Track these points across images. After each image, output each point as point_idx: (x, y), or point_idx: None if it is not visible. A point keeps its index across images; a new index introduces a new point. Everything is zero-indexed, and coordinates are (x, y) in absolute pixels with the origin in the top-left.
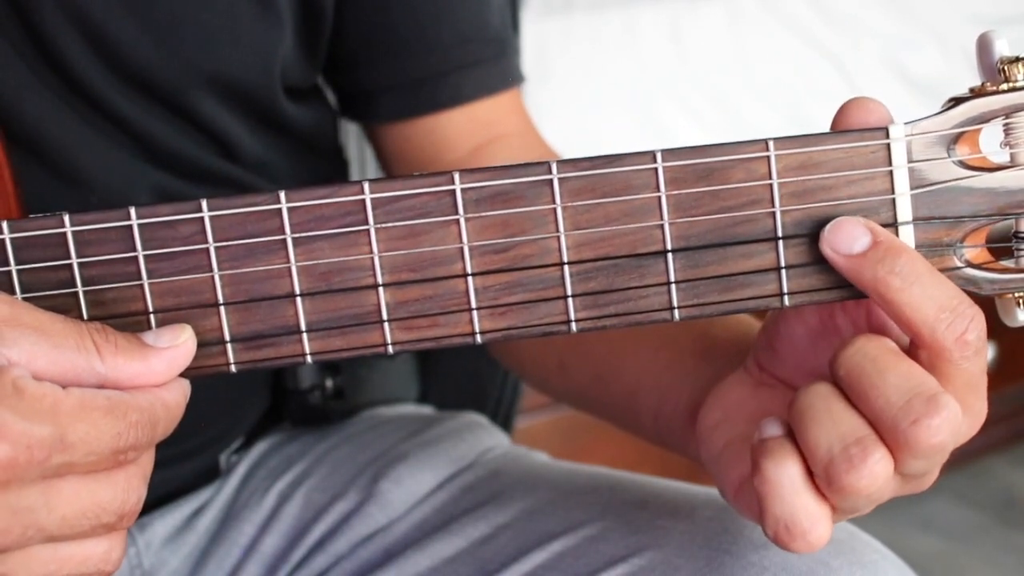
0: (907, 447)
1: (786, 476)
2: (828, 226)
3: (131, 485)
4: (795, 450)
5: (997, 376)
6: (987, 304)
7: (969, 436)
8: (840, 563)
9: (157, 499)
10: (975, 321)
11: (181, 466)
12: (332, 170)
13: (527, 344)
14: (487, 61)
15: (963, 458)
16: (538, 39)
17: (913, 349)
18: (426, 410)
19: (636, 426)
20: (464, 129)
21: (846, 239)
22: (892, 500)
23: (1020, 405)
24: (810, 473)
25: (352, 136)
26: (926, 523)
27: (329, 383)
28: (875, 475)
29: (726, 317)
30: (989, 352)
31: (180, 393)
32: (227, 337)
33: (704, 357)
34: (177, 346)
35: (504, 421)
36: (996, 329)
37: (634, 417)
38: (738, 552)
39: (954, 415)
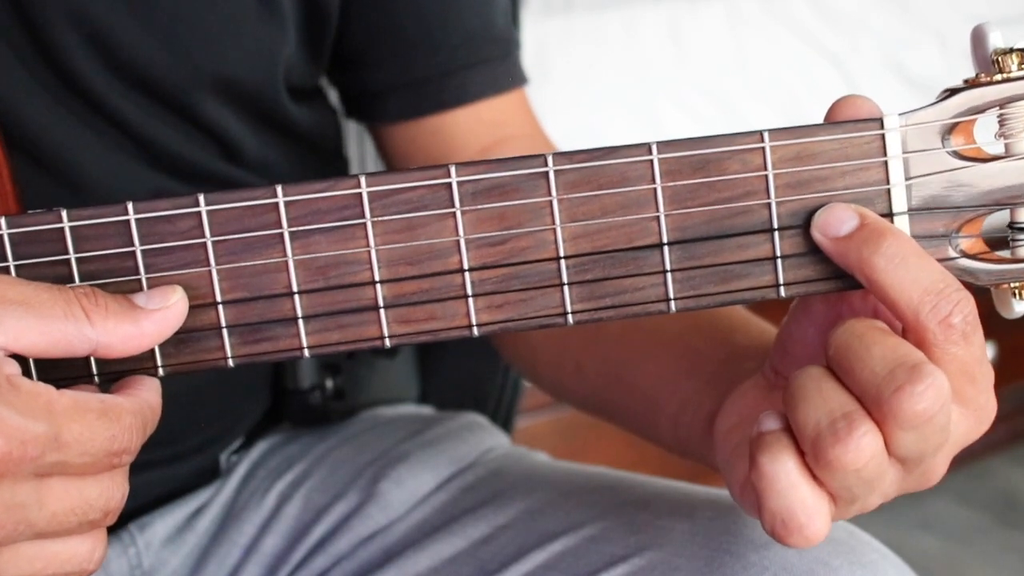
0: (892, 417)
1: (782, 470)
2: (818, 211)
3: (115, 482)
4: (791, 443)
5: (997, 376)
6: (986, 303)
7: (975, 432)
8: (840, 563)
9: (157, 499)
10: (960, 305)
11: (181, 465)
12: (334, 172)
13: (542, 346)
14: (493, 60)
15: (963, 458)
16: (538, 39)
17: (904, 335)
18: (426, 410)
19: (654, 432)
20: (470, 129)
21: (834, 223)
22: (892, 500)
23: (1020, 405)
24: (807, 467)
25: (352, 136)
26: (926, 523)
27: (329, 383)
28: (861, 448)
29: (749, 326)
30: (989, 351)
31: (158, 393)
32: (224, 331)
33: (726, 364)
34: (168, 307)
35: (504, 421)
36: (996, 328)
37: (652, 423)
38: (738, 552)
39: (939, 384)
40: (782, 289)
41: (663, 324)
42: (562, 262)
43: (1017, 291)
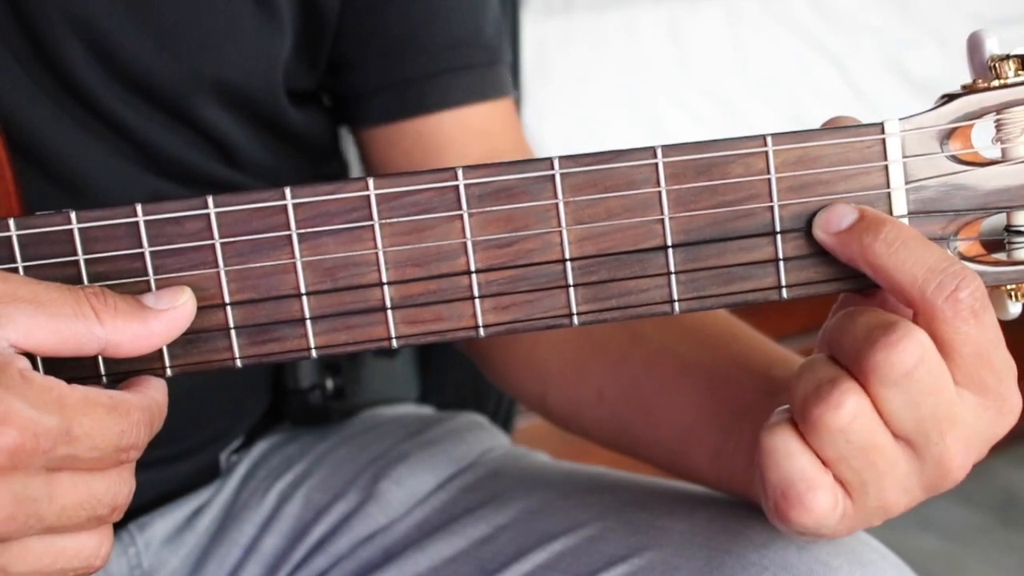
0: (872, 371)
1: (780, 440)
2: (819, 212)
3: (122, 478)
4: (791, 420)
5: None
6: None
7: (998, 426)
8: (840, 563)
9: (157, 498)
10: (966, 280)
11: (181, 464)
12: (332, 175)
13: (556, 373)
14: (479, 66)
15: None
16: (538, 39)
17: (915, 321)
18: (426, 410)
19: (688, 466)
20: (456, 137)
21: (835, 219)
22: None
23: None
24: (808, 443)
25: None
26: (926, 523)
27: (329, 383)
28: (842, 404)
29: (787, 361)
30: None
31: (164, 393)
32: (233, 332)
33: (767, 397)
34: (176, 307)
35: (504, 421)
36: None
37: (687, 456)
38: (738, 551)
39: (916, 337)
40: (784, 291)
41: (691, 354)
42: (568, 264)
43: (1013, 292)
